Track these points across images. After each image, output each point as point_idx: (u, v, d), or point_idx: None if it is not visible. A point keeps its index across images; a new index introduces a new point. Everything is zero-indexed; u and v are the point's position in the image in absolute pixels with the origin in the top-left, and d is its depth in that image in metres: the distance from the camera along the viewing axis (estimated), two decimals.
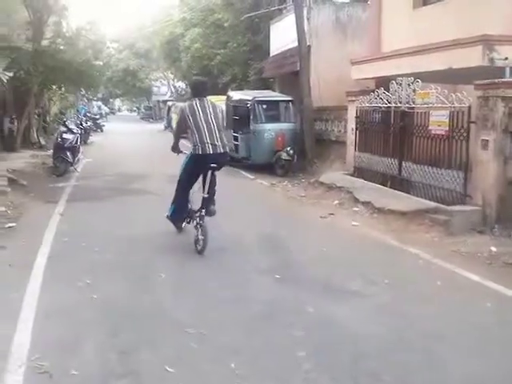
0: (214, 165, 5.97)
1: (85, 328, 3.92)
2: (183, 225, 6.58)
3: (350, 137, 10.84)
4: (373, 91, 9.91)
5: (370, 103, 9.84)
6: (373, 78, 10.55)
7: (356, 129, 10.46)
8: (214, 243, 6.09)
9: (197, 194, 6.32)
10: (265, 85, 18.36)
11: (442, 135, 7.73)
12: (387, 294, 4.73)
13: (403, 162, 8.90)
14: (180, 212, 6.43)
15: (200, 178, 6.17)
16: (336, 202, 8.96)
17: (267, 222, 7.56)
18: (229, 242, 6.42)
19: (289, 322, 4.07)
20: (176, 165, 6.95)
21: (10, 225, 7.13)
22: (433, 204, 7.51)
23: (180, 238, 6.60)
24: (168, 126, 31.25)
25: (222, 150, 6.02)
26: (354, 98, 10.61)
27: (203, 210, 5.95)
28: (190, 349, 3.60)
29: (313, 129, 13.23)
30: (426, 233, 6.97)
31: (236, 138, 13.52)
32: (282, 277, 5.13)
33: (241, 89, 18.97)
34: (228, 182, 11.78)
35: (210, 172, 5.99)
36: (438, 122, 7.79)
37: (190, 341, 3.71)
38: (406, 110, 8.72)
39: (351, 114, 10.82)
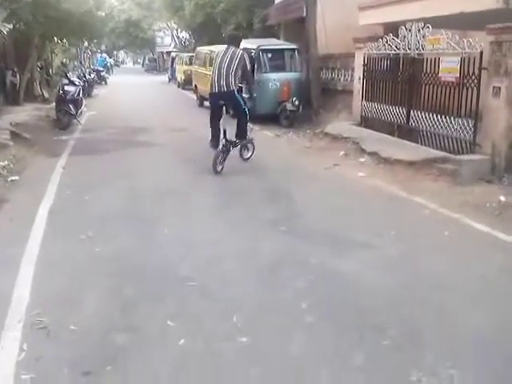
0: (221, 101, 7.57)
1: (86, 282, 3.90)
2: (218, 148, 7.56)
3: (357, 85, 10.54)
4: (381, 38, 9.55)
5: (378, 50, 9.49)
6: (381, 24, 10.15)
7: (363, 77, 10.15)
8: (218, 199, 6.08)
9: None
10: (270, 33, 17.79)
11: (453, 82, 7.47)
12: (394, 246, 4.66)
13: (411, 111, 8.66)
14: (212, 139, 7.80)
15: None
16: (342, 152, 8.80)
17: (272, 174, 7.47)
18: (234, 195, 6.36)
19: (293, 274, 4.03)
20: (179, 118, 6.79)
21: (13, 178, 7.09)
22: (441, 153, 7.35)
23: (184, 191, 6.55)
24: (172, 77, 30.70)
25: (224, 90, 7.42)
26: (361, 45, 10.24)
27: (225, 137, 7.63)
28: (192, 303, 3.58)
29: (319, 78, 12.88)
30: (433, 182, 6.85)
31: (241, 89, 13.19)
32: (288, 229, 5.07)
33: (245, 37, 18.42)
34: (232, 133, 11.66)
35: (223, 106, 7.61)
36: (449, 69, 7.51)
37: (192, 294, 3.69)
38: (416, 56, 8.42)
39: (358, 61, 10.46)
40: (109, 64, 46.82)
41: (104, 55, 50.32)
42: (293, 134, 11.09)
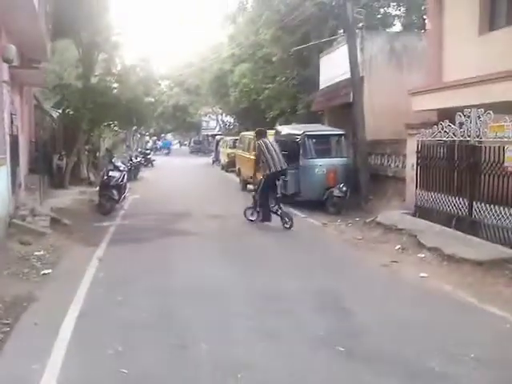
0: (283, 176, 10.55)
1: None
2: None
3: (410, 173, 9.96)
4: (435, 124, 9.07)
5: (433, 137, 8.97)
6: (435, 110, 9.72)
7: (417, 164, 9.58)
8: (257, 304, 5.43)
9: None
10: (313, 118, 17.77)
11: None
12: (477, 376, 3.82)
13: (474, 202, 7.94)
14: (267, 214, 10.02)
15: None
16: (398, 246, 8.04)
17: (321, 272, 6.75)
18: (276, 301, 5.60)
19: None
20: (222, 202, 6.33)
21: (46, 272, 6.70)
22: None
23: (220, 292, 5.93)
24: (216, 159, 31.13)
25: (284, 166, 10.16)
26: (414, 132, 9.77)
27: (277, 206, 10.01)
28: None
29: (367, 164, 12.41)
30: (506, 287, 5.97)
31: (285, 174, 12.84)
32: (347, 350, 4.29)
33: (288, 123, 18.46)
34: (277, 220, 11.13)
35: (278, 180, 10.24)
36: None
37: None
38: (476, 144, 7.83)
39: (411, 148, 9.96)
40: (158, 146, 49.79)
41: (169, 139, 55.27)
42: (341, 223, 10.44)
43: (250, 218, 10.30)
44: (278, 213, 9.89)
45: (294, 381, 3.81)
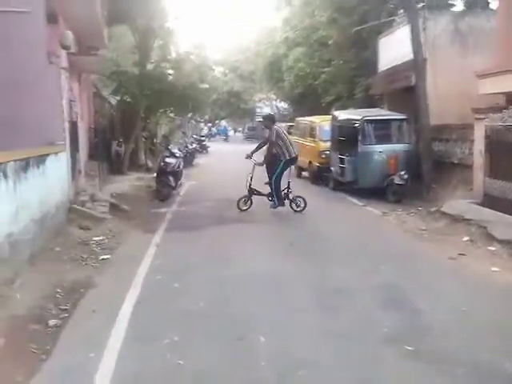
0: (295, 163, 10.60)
1: None
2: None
3: (478, 160, 9.36)
4: (504, 108, 8.44)
5: (504, 121, 8.35)
6: (503, 93, 9.03)
7: (486, 150, 8.97)
8: (320, 298, 5.21)
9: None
10: (371, 103, 17.16)
11: None
12: None
13: None
14: (281, 199, 10.04)
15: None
16: (465, 238, 7.56)
17: (383, 265, 6.37)
18: (338, 295, 5.34)
19: None
20: None
21: (105, 257, 6.76)
22: None
23: (279, 283, 5.74)
24: None
25: (297, 153, 10.42)
26: (482, 116, 9.15)
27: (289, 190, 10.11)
28: None
29: (430, 150, 11.79)
30: None
31: (342, 161, 12.47)
32: (415, 349, 4.00)
33: (345, 108, 17.91)
34: (333, 208, 10.83)
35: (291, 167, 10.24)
36: None
37: None
38: None
39: (479, 133, 9.34)
40: (213, 132, 50.54)
41: (224, 124, 56.02)
42: (402, 212, 9.98)
43: (243, 208, 10.07)
44: (290, 197, 10.00)
45: (360, 381, 3.57)
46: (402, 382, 3.57)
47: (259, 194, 10.24)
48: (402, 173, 11.14)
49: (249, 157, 10.38)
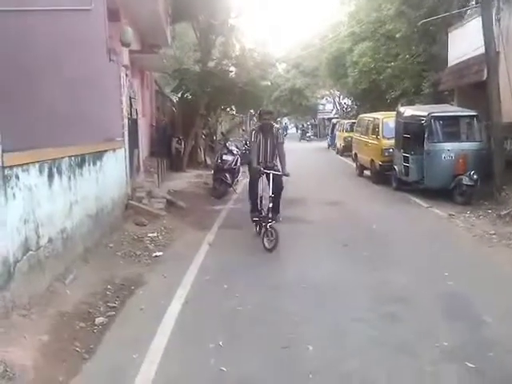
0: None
1: None
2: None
3: None
4: None
5: None
6: None
7: None
8: (374, 306, 4.87)
9: None
10: (440, 99, 16.31)
11: None
12: None
13: None
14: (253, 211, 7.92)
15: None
16: None
17: (447, 272, 5.88)
18: (396, 303, 4.95)
19: None
20: (336, 188, 5.81)
21: (157, 254, 6.75)
22: None
23: (332, 289, 5.44)
24: (331, 144, 30.37)
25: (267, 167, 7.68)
26: None
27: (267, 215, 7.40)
28: None
29: (503, 149, 10.96)
30: None
31: (406, 159, 11.87)
32: (477, 367, 3.61)
33: (411, 104, 17.14)
34: (396, 209, 10.32)
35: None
36: None
37: None
38: None
39: None
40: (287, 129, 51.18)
41: (285, 122, 55.78)
42: (470, 215, 9.32)
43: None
44: (263, 228, 7.25)
45: None
46: None
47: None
48: (472, 173, 10.40)
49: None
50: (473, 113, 11.41)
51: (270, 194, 7.26)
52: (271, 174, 7.37)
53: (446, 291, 5.28)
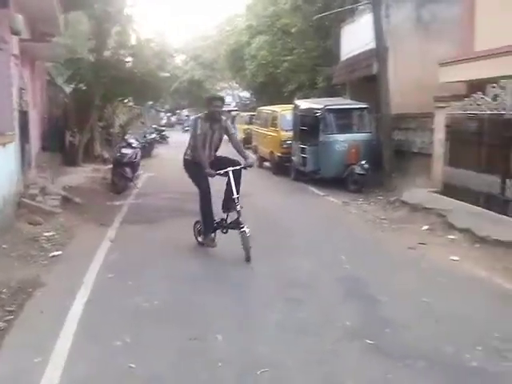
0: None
1: None
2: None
3: (438, 149, 9.41)
4: (466, 96, 8.48)
5: (464, 110, 8.39)
6: (466, 82, 9.08)
7: (446, 140, 9.01)
8: (278, 289, 5.05)
9: None
10: (333, 92, 17.14)
11: None
12: None
13: (508, 180, 7.39)
14: (208, 225, 6.56)
15: None
16: (425, 227, 7.58)
17: (343, 256, 6.28)
18: (298, 288, 5.20)
19: None
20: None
21: (55, 253, 6.40)
22: None
23: (241, 282, 5.56)
24: None
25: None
26: (443, 105, 9.18)
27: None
28: None
29: (391, 139, 11.81)
30: None
31: (303, 150, 12.37)
32: (376, 343, 3.90)
33: (307, 97, 17.83)
34: (294, 199, 10.72)
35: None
36: None
37: None
38: None
39: (439, 122, 9.39)
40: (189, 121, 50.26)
41: (185, 114, 54.73)
42: (363, 202, 9.97)
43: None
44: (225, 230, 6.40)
45: (321, 378, 3.43)
46: (362, 378, 3.44)
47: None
48: (363, 162, 11.12)
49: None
50: (363, 105, 12.15)
51: (235, 195, 6.08)
52: (231, 172, 6.20)
53: (344, 275, 5.61)
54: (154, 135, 23.16)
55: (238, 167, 6.29)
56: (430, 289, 5.15)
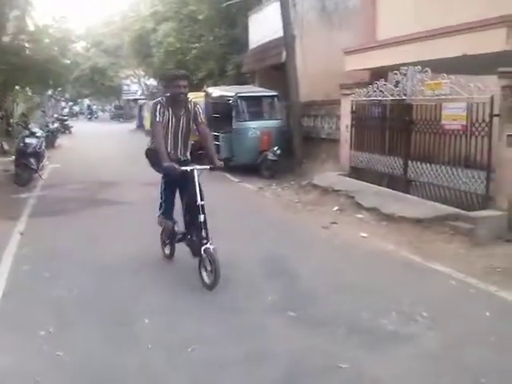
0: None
1: None
2: None
3: (345, 134, 9.91)
4: (370, 83, 9.01)
5: (368, 96, 8.92)
6: (369, 69, 9.64)
7: (352, 125, 9.52)
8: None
9: None
10: (243, 80, 17.32)
11: (458, 130, 6.86)
12: (431, 335, 3.79)
13: (409, 161, 8.00)
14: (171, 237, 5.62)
15: None
16: (336, 208, 8.02)
17: (262, 237, 6.52)
18: (226, 270, 5.21)
19: None
20: (146, 171, 5.82)
21: None
22: (452, 210, 6.59)
23: (159, 261, 5.56)
24: (140, 125, 30.11)
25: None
26: (348, 92, 9.67)
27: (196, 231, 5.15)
28: None
29: (300, 126, 12.24)
30: (447, 244, 6.07)
31: (217, 138, 12.41)
32: (298, 315, 4.13)
33: (217, 85, 17.86)
34: (210, 186, 10.70)
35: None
36: (453, 116, 6.91)
37: None
38: (412, 103, 7.83)
39: (345, 108, 9.88)
40: (74, 111, 47.14)
41: (87, 103, 52.51)
42: (276, 187, 10.29)
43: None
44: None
45: (247, 351, 3.57)
46: (285, 348, 3.61)
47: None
48: (275, 148, 11.42)
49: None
50: (273, 93, 12.46)
51: (199, 201, 4.93)
52: (196, 171, 4.96)
53: (264, 254, 5.80)
54: (56, 125, 21.99)
55: (205, 167, 5.10)
56: (344, 263, 5.51)
